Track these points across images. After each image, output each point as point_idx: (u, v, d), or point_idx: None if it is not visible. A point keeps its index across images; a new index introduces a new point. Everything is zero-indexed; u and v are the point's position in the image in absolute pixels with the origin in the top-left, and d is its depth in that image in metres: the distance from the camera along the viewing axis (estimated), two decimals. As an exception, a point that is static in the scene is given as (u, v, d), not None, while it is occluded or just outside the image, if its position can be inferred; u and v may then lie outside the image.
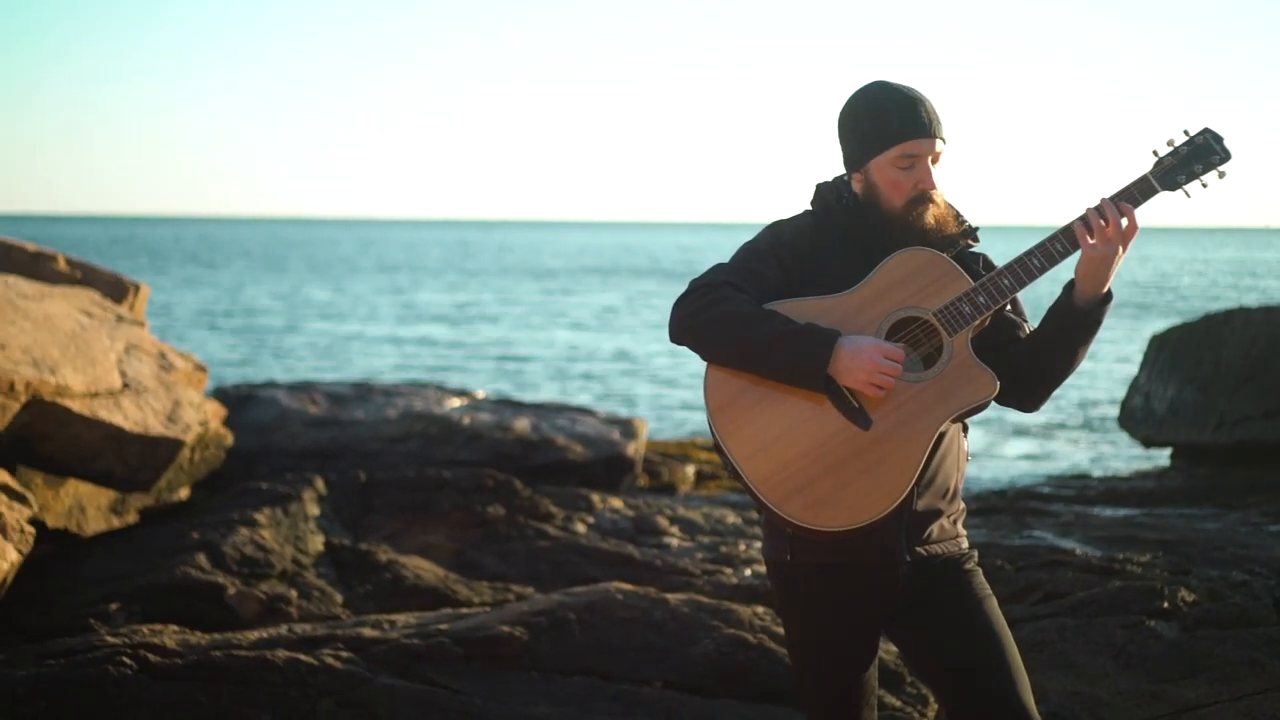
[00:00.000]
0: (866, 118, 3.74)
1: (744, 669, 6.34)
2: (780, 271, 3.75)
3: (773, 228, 3.84)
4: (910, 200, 3.74)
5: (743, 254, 3.80)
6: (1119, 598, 7.24)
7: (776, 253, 3.77)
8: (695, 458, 15.12)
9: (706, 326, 3.65)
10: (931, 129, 3.72)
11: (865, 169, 3.77)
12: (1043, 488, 14.30)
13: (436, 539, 9.26)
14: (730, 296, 3.66)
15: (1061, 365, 3.75)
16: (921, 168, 3.73)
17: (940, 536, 3.80)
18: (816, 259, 3.77)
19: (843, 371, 3.59)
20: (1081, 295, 3.68)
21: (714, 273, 3.75)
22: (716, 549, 9.43)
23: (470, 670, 6.35)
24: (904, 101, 3.72)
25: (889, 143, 3.71)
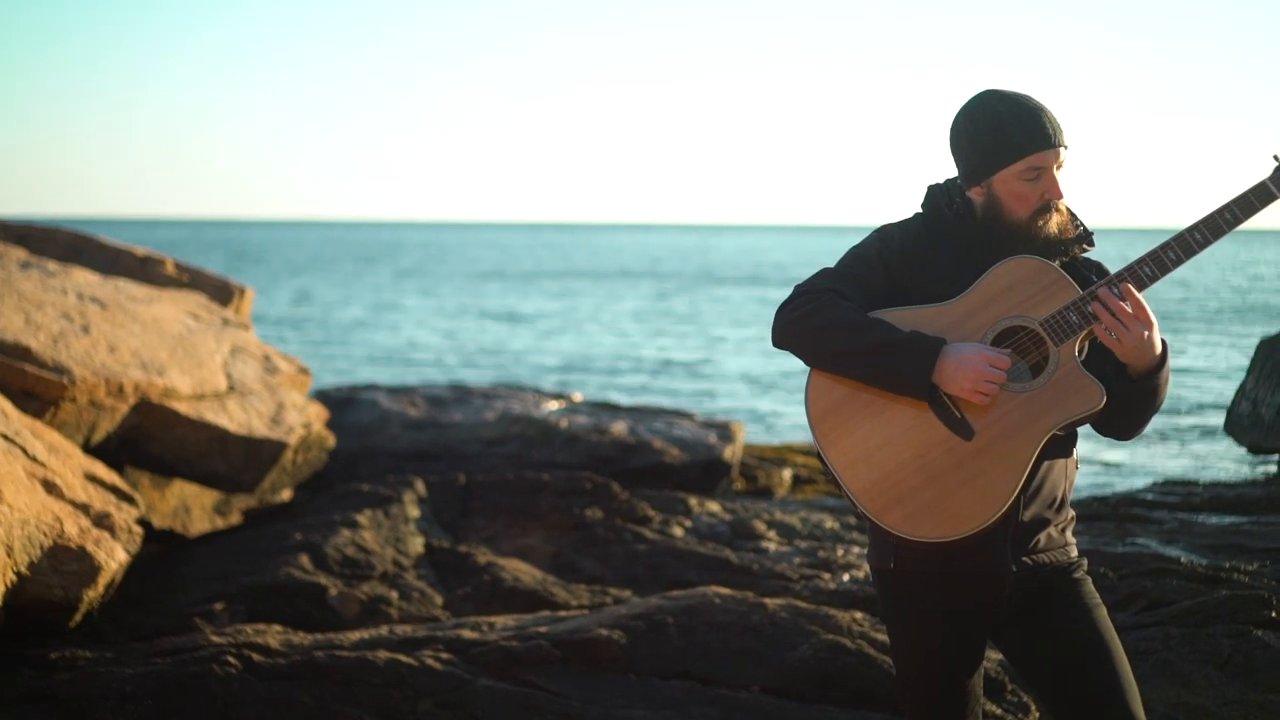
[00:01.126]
0: (988, 131, 3.69)
1: (842, 674, 6.31)
2: (886, 277, 3.73)
3: (882, 232, 3.82)
4: (1036, 211, 3.70)
5: (849, 259, 3.78)
6: (1225, 606, 7.14)
7: (884, 258, 3.75)
8: (792, 462, 15.07)
9: (809, 333, 3.64)
10: (1056, 139, 3.68)
11: (988, 183, 3.73)
12: (1146, 494, 14.12)
13: (535, 541, 9.29)
14: (834, 303, 3.64)
15: (1145, 411, 3.70)
16: (1048, 178, 3.69)
17: (1048, 545, 3.76)
18: (925, 265, 3.74)
19: (947, 380, 3.56)
20: (1134, 370, 3.65)
21: (818, 278, 3.73)
22: (814, 553, 9.39)
23: (568, 673, 6.36)
24: (1026, 113, 3.68)
25: (1015, 157, 3.67)
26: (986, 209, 3.74)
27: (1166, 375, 3.66)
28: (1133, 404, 3.66)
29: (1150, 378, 3.63)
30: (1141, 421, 3.72)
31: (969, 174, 3.76)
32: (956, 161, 3.80)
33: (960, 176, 3.80)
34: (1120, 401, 3.66)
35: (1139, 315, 3.56)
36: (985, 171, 3.72)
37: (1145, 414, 3.70)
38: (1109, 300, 3.58)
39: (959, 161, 3.79)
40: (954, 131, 3.79)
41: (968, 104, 3.76)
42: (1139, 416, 3.70)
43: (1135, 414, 3.70)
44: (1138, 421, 3.72)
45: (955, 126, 3.78)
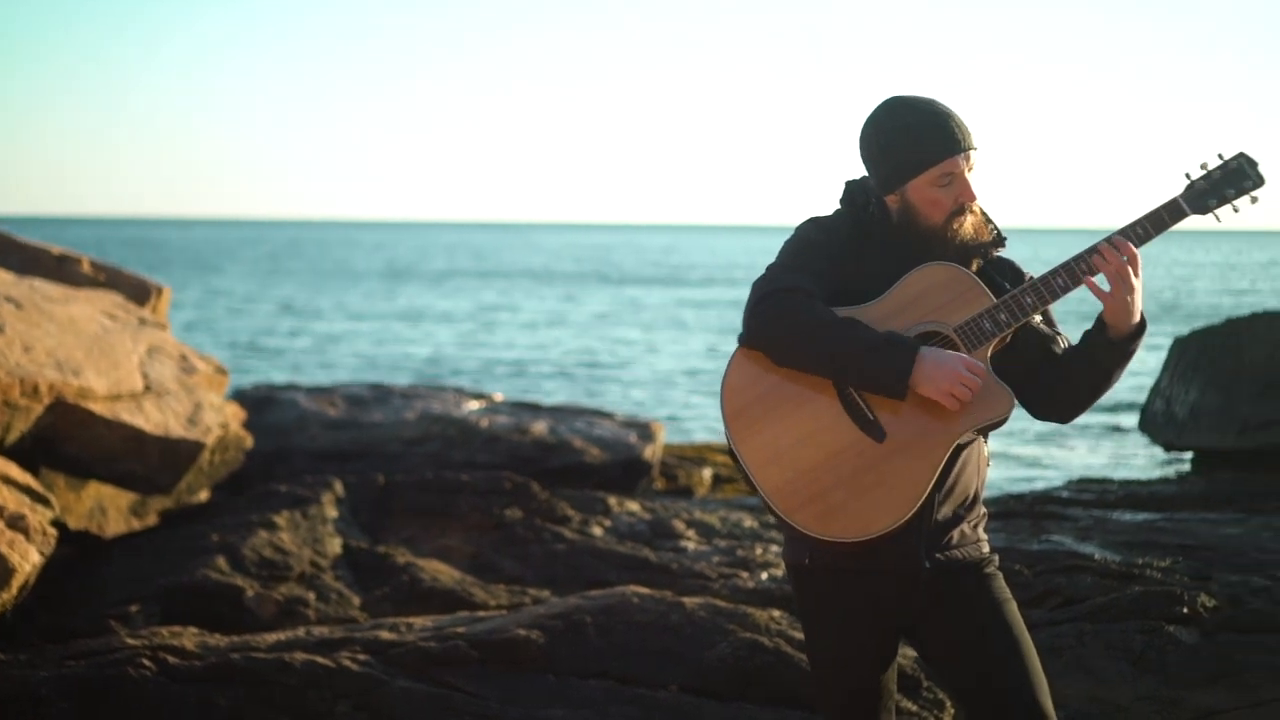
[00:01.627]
0: (898, 141, 3.71)
1: (760, 673, 6.34)
2: (828, 271, 3.74)
3: (815, 224, 3.81)
4: (950, 215, 3.72)
5: (801, 253, 3.76)
6: (1138, 603, 7.22)
7: (824, 252, 3.76)
8: (712, 461, 15.11)
9: (784, 335, 3.63)
10: (965, 143, 3.70)
11: (902, 191, 3.75)
12: (1061, 492, 14.26)
13: (454, 542, 9.27)
14: (807, 304, 3.63)
15: (1095, 389, 3.76)
16: (960, 182, 3.71)
17: (960, 542, 3.80)
18: (852, 263, 3.76)
19: (924, 380, 3.58)
20: (1115, 332, 3.68)
21: (782, 276, 3.70)
22: (733, 552, 9.42)
23: (486, 673, 6.35)
24: (934, 119, 3.70)
25: (927, 164, 3.69)
26: (902, 215, 3.76)
27: (1138, 347, 3.71)
28: (1101, 369, 3.70)
29: (1127, 343, 3.68)
30: (1091, 396, 3.76)
31: (882, 182, 3.78)
32: (869, 170, 3.81)
33: (874, 184, 3.82)
34: (1092, 365, 3.71)
35: (1135, 271, 3.62)
36: (899, 180, 3.73)
37: (1101, 384, 3.74)
38: (1109, 253, 3.63)
39: (871, 171, 3.80)
40: (864, 141, 3.80)
41: (875, 112, 3.78)
42: (1094, 387, 3.74)
43: (1094, 383, 3.73)
44: (1088, 396, 3.76)
45: (865, 136, 3.79)
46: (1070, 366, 3.75)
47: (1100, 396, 3.78)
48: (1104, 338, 3.68)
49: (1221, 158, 3.73)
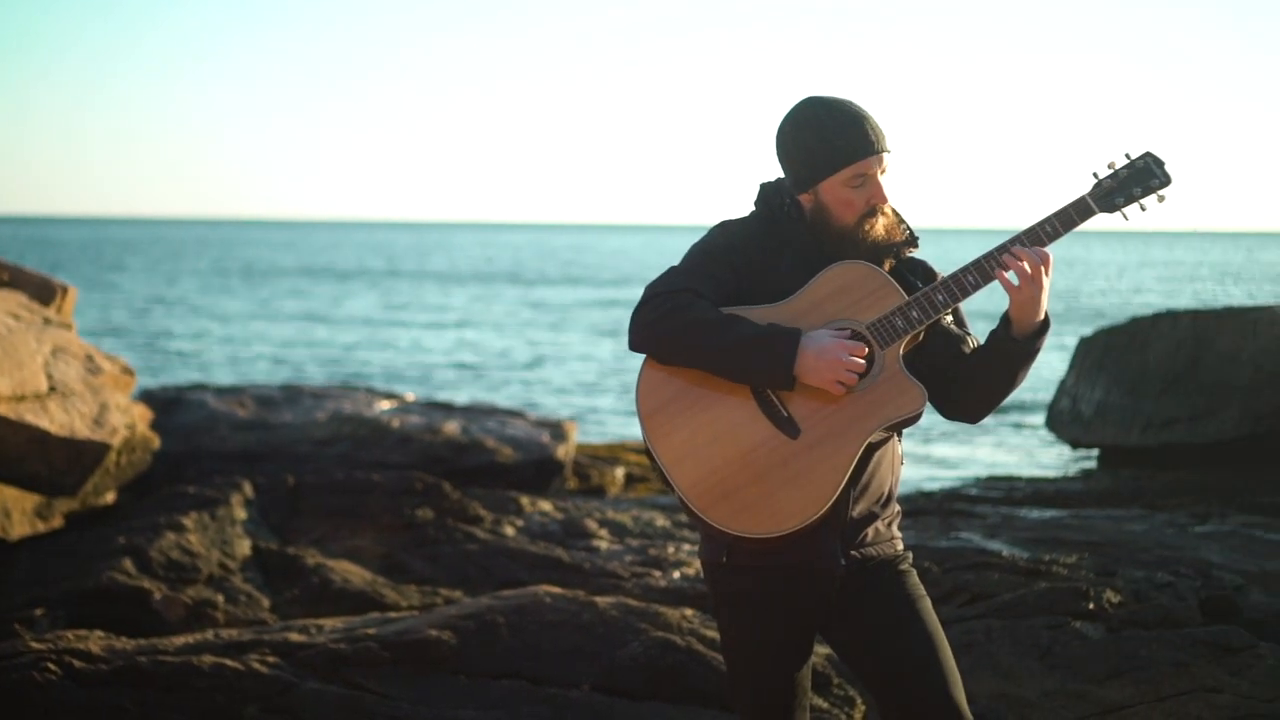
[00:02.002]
0: (812, 141, 3.73)
1: (672, 671, 6.35)
2: (734, 274, 3.75)
3: (725, 227, 3.83)
4: (862, 216, 3.75)
5: (699, 256, 3.78)
6: (1045, 599, 7.29)
7: (730, 255, 3.77)
8: (625, 460, 15.13)
9: (668, 335, 3.64)
10: (879, 145, 3.73)
11: (815, 190, 3.77)
12: (970, 490, 14.39)
13: (364, 542, 9.22)
14: (691, 303, 3.64)
15: (1001, 388, 3.79)
16: (872, 184, 3.74)
17: (875, 539, 3.82)
18: (766, 264, 3.77)
19: (808, 370, 3.59)
20: (1019, 329, 3.71)
21: (671, 278, 3.72)
22: (645, 552, 9.43)
23: (398, 674, 6.32)
24: (849, 121, 3.72)
25: (839, 165, 3.71)
26: (815, 214, 3.78)
27: (1042, 345, 3.74)
28: (1006, 367, 3.73)
29: (1031, 340, 3.71)
30: (998, 395, 3.79)
31: (796, 182, 3.80)
32: (784, 169, 3.84)
33: (789, 183, 3.84)
34: (994, 365, 3.74)
35: (1045, 269, 3.65)
36: (812, 180, 3.76)
37: (1008, 384, 3.77)
38: (1021, 252, 3.66)
39: (786, 169, 3.83)
40: (779, 140, 3.82)
41: (791, 112, 3.80)
42: (1002, 386, 3.77)
43: (1000, 381, 3.76)
44: (995, 394, 3.79)
45: (780, 135, 3.82)
46: (976, 367, 3.78)
47: (1005, 397, 3.81)
48: (1008, 335, 3.72)
49: (1129, 157, 3.77)
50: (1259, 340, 14.39)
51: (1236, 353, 14.59)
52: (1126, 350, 16.26)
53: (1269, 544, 9.85)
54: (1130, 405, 15.74)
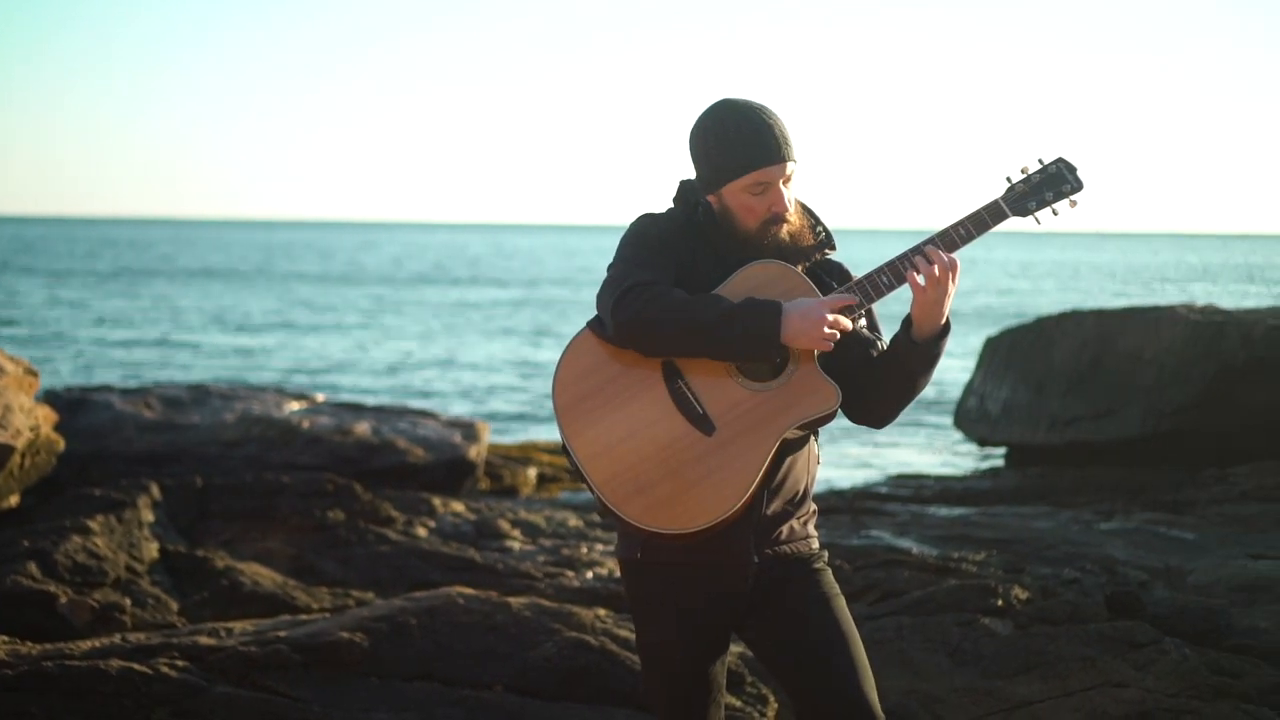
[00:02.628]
0: (716, 145, 3.76)
1: (585, 672, 6.35)
2: (674, 263, 3.77)
3: (650, 221, 3.85)
4: (764, 222, 3.77)
5: (642, 250, 3.78)
6: (954, 596, 7.37)
7: (663, 247, 3.78)
8: (537, 460, 15.11)
9: (652, 324, 3.63)
10: (782, 154, 3.75)
11: (719, 194, 3.80)
12: (880, 488, 14.50)
13: (275, 544, 9.15)
14: (664, 291, 3.65)
15: (904, 393, 3.82)
16: (774, 192, 3.76)
17: (790, 537, 3.84)
18: (686, 259, 3.79)
19: (796, 334, 3.61)
20: (919, 332, 3.75)
21: (631, 272, 3.72)
22: (558, 552, 9.43)
23: (309, 677, 6.29)
24: (754, 127, 3.74)
25: (741, 171, 3.74)
26: (721, 216, 3.81)
27: (943, 349, 3.78)
28: (906, 373, 3.76)
29: (932, 345, 3.74)
30: (900, 400, 3.83)
31: (703, 183, 3.83)
32: (694, 169, 3.86)
33: (698, 183, 3.86)
34: (896, 369, 3.77)
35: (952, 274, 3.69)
36: (716, 183, 3.79)
37: (909, 388, 3.80)
38: (933, 254, 3.69)
39: (696, 169, 3.85)
40: (690, 141, 3.85)
41: (703, 114, 3.82)
42: (904, 390, 3.80)
43: (902, 385, 3.79)
44: (897, 402, 3.83)
45: (691, 137, 3.85)
46: (880, 371, 3.81)
47: (908, 402, 3.85)
48: (909, 339, 3.75)
49: (1041, 162, 3.82)
50: (1161, 339, 14.59)
51: (1139, 351, 14.78)
52: (1032, 349, 16.44)
53: (1172, 540, 9.99)
54: (1036, 404, 15.92)
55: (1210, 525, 10.63)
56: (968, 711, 6.30)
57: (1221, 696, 6.29)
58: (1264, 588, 8.16)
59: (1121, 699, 6.24)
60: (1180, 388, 14.14)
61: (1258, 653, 6.99)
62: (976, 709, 6.30)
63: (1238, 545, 9.75)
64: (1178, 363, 14.24)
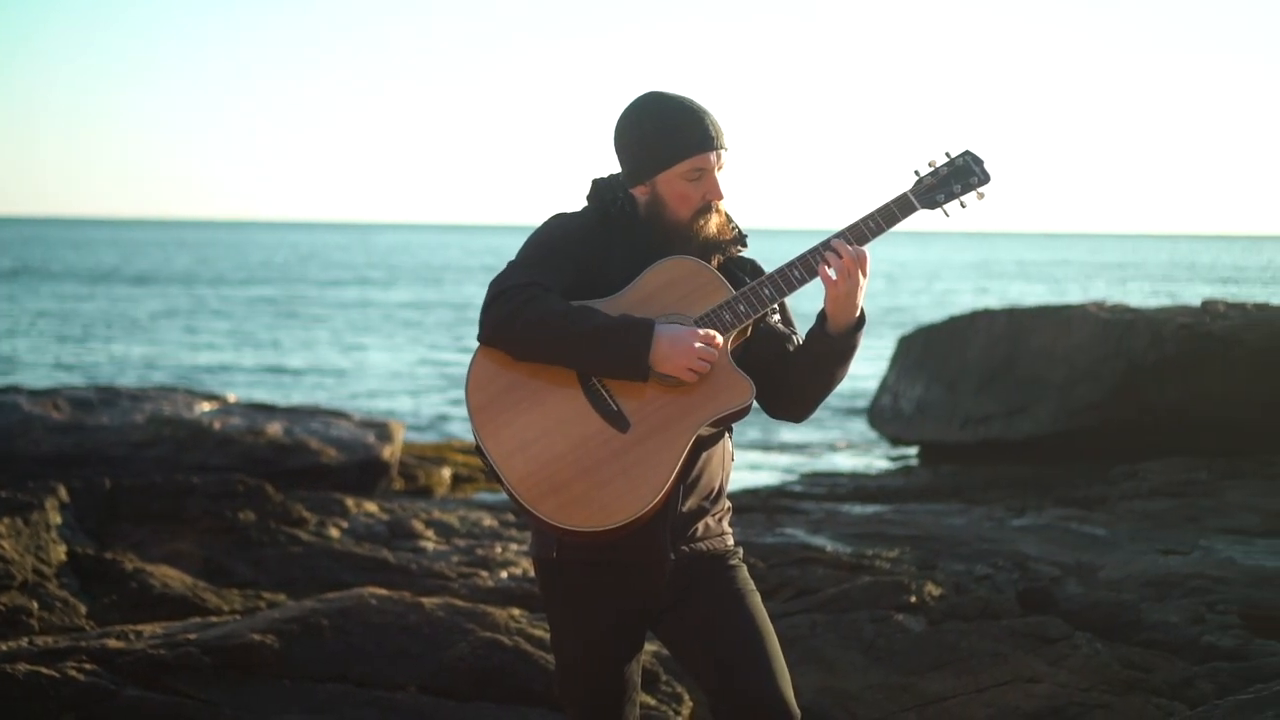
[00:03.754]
0: (654, 131, 3.76)
1: (499, 671, 6.33)
2: (573, 265, 3.75)
3: (560, 220, 3.83)
4: (697, 211, 3.77)
5: (537, 249, 3.77)
6: (868, 593, 7.40)
7: (567, 248, 3.77)
8: (452, 460, 15.06)
9: (521, 330, 3.62)
10: (718, 140, 3.77)
11: (652, 182, 3.79)
12: (794, 486, 14.57)
13: (185, 546, 9.05)
14: (541, 297, 3.63)
15: (821, 386, 3.82)
16: (709, 179, 3.77)
17: (705, 534, 3.84)
18: (599, 258, 3.78)
19: (663, 359, 3.60)
20: (834, 326, 3.75)
21: (516, 273, 3.70)
22: (472, 552, 9.40)
23: (220, 680, 6.22)
24: (691, 115, 3.76)
25: (679, 157, 3.74)
26: (649, 207, 3.80)
27: (858, 343, 3.78)
28: (822, 366, 3.77)
29: (846, 338, 3.75)
30: (818, 393, 3.83)
31: (634, 172, 3.82)
32: (621, 160, 3.85)
33: (625, 175, 3.85)
34: (812, 363, 3.77)
35: (862, 265, 3.69)
36: (651, 170, 3.78)
37: (826, 381, 3.81)
38: (841, 248, 3.69)
39: (624, 160, 3.84)
40: (620, 130, 3.83)
41: (634, 104, 3.82)
42: (821, 383, 3.80)
43: (819, 379, 3.80)
44: (815, 395, 3.83)
45: (621, 126, 3.83)
46: (796, 366, 3.81)
47: (825, 395, 3.85)
48: (824, 333, 3.76)
49: (949, 155, 3.84)
50: (1072, 337, 14.74)
51: (1051, 350, 14.93)
52: (945, 348, 16.57)
53: (1084, 536, 10.09)
54: (949, 402, 16.04)
55: (1121, 521, 10.75)
56: (881, 708, 6.32)
57: (1133, 691, 6.35)
58: (1174, 583, 8.26)
59: (1034, 694, 6.29)
60: (1091, 385, 14.29)
61: (1168, 647, 7.07)
62: (890, 705, 6.33)
63: (1148, 541, 9.87)
64: (1088, 361, 14.39)
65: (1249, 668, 6.59)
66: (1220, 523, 10.66)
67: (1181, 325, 13.80)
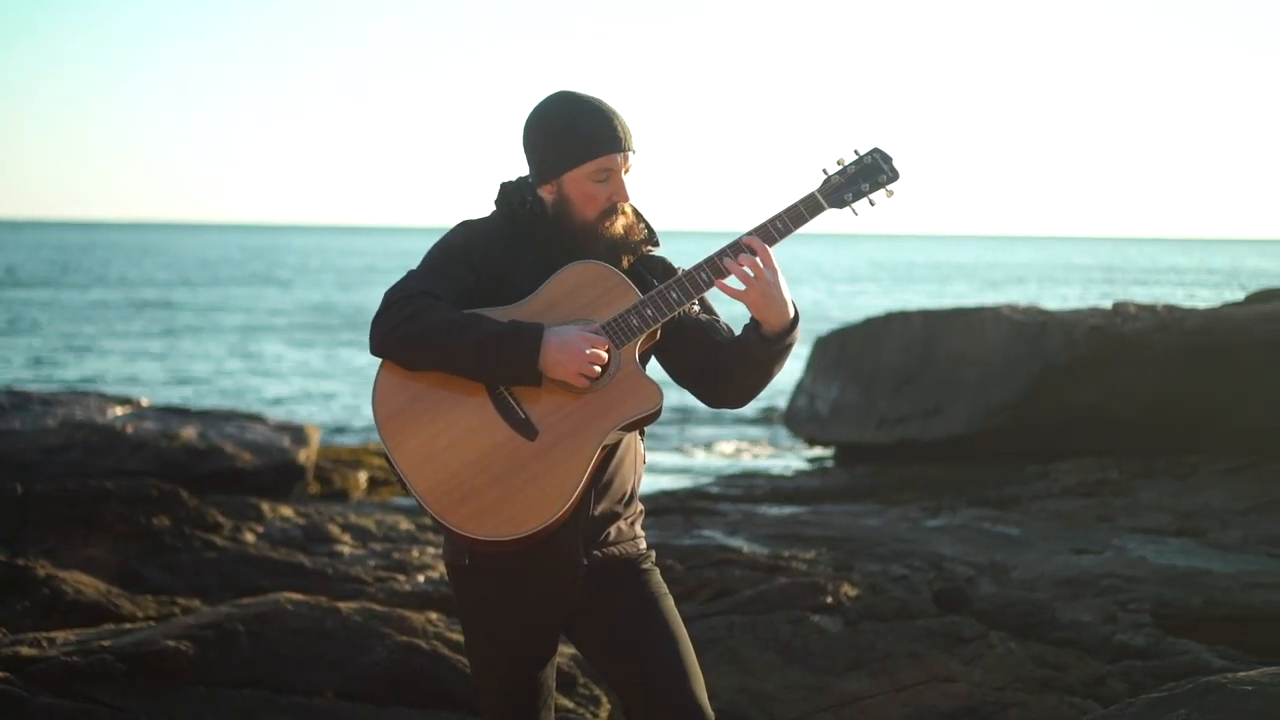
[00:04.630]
0: (562, 131, 3.74)
1: (417, 676, 6.31)
2: (474, 273, 3.74)
3: (466, 227, 3.82)
4: (603, 212, 3.77)
5: (437, 257, 3.75)
6: (785, 594, 7.44)
7: (469, 255, 3.75)
8: (368, 464, 14.98)
9: (410, 340, 3.61)
10: (626, 142, 3.76)
11: (558, 182, 3.78)
12: (712, 488, 14.60)
13: (98, 552, 8.96)
14: (430, 306, 3.62)
15: (760, 380, 3.81)
16: (616, 180, 3.76)
17: (618, 538, 3.84)
18: (508, 262, 3.77)
19: (553, 365, 3.59)
20: (769, 328, 3.75)
21: (410, 282, 3.69)
22: (389, 555, 9.36)
23: (134, 687, 6.17)
24: (599, 116, 3.75)
25: (585, 157, 3.73)
26: (556, 208, 3.79)
27: (795, 339, 3.78)
28: (761, 364, 3.76)
29: (781, 338, 3.74)
30: (758, 386, 3.83)
31: (541, 172, 3.81)
32: (529, 159, 3.84)
33: (532, 174, 3.84)
34: (750, 361, 3.76)
35: (767, 265, 3.68)
36: (557, 170, 3.77)
37: (765, 377, 3.80)
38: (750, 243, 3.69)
39: (531, 160, 3.83)
40: (528, 130, 3.82)
41: (542, 103, 3.81)
42: (759, 379, 3.80)
43: (757, 376, 3.79)
44: (754, 386, 3.83)
45: (529, 125, 3.82)
46: (731, 362, 3.80)
47: (764, 386, 3.84)
48: (758, 334, 3.75)
49: (857, 153, 3.84)
50: (986, 339, 14.88)
51: (965, 351, 15.06)
52: (861, 349, 16.68)
53: (997, 536, 10.19)
54: (865, 403, 16.15)
55: (1034, 521, 10.86)
56: (798, 708, 6.36)
57: (1047, 689, 6.42)
58: (1087, 581, 8.36)
59: (949, 693, 6.35)
60: (1005, 386, 14.44)
61: (1081, 645, 7.16)
62: (807, 705, 6.37)
63: (1061, 540, 9.98)
64: (1002, 362, 14.53)
65: (1160, 666, 6.68)
66: (1132, 522, 10.80)
67: (1093, 327, 13.97)
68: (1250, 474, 11.98)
